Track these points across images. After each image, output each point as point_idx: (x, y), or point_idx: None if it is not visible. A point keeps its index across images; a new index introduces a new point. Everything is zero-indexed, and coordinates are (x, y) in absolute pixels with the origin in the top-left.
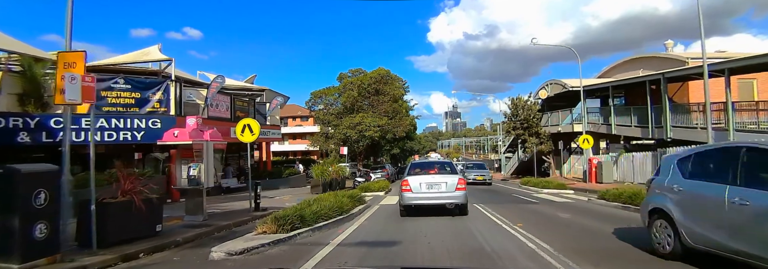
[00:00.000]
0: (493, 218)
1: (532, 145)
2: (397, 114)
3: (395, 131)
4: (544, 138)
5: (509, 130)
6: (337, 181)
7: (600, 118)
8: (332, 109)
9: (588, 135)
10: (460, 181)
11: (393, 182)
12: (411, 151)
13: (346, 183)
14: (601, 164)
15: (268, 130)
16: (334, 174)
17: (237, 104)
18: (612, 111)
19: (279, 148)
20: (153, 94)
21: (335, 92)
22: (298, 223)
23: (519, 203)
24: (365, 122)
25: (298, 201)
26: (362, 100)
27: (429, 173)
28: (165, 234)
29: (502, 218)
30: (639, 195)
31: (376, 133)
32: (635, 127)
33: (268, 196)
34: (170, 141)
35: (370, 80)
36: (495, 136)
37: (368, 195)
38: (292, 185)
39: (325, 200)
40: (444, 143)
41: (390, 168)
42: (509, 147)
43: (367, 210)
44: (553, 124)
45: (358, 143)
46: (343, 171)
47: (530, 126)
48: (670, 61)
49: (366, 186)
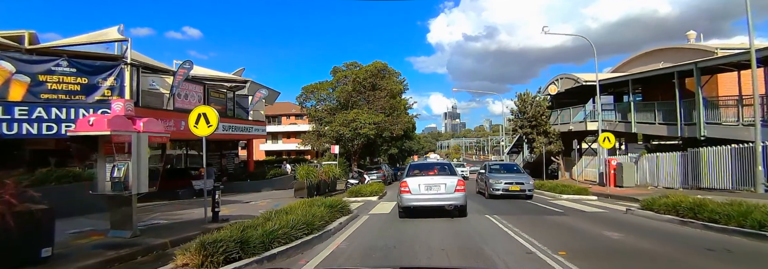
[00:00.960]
0: (520, 239)
1: (541, 145)
2: (395, 110)
3: (392, 129)
4: (554, 137)
5: (516, 128)
6: (326, 183)
7: (616, 115)
8: (324, 105)
9: (608, 134)
10: (460, 183)
11: (390, 184)
12: (409, 151)
13: (336, 185)
14: (621, 166)
15: (251, 126)
16: (323, 175)
17: (212, 96)
18: (631, 107)
19: (272, 147)
20: (103, 79)
21: (328, 87)
22: (237, 252)
23: (541, 214)
24: (360, 119)
25: (276, 206)
26: (357, 96)
27: (428, 174)
28: (55, 260)
29: (532, 240)
30: (705, 207)
31: (371, 131)
32: (660, 125)
33: (242, 201)
34: (83, 132)
35: (366, 74)
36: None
37: (358, 201)
38: (277, 187)
39: (294, 211)
40: (443, 144)
41: (386, 169)
42: (513, 147)
43: (351, 224)
44: (563, 123)
45: (352, 142)
46: (334, 172)
47: (539, 124)
48: (694, 53)
49: (357, 189)
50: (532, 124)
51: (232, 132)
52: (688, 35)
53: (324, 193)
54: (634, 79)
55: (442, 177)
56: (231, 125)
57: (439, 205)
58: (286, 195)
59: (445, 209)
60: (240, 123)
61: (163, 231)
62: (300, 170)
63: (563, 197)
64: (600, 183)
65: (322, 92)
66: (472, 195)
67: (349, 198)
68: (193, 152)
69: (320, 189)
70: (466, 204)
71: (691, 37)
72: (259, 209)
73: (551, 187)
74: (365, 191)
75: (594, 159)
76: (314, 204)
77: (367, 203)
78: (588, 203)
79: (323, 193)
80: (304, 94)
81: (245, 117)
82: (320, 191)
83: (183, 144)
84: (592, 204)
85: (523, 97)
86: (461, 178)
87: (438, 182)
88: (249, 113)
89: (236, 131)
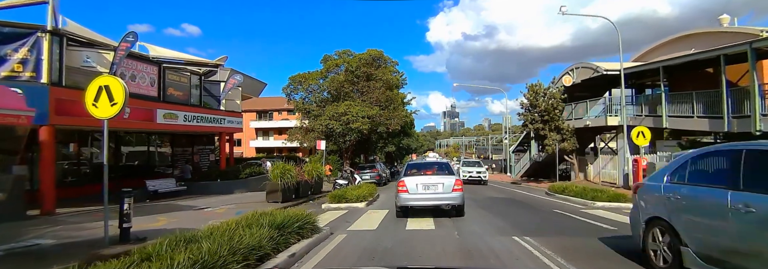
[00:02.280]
0: None
1: (554, 142)
2: (391, 103)
3: (388, 124)
4: (567, 134)
5: (526, 122)
6: (308, 185)
7: (642, 108)
8: (314, 95)
9: (643, 128)
10: (457, 182)
11: (385, 185)
12: (408, 149)
13: (322, 186)
14: (653, 167)
15: (223, 118)
16: (304, 175)
17: (170, 79)
18: (663, 99)
19: (263, 144)
20: (14, 50)
21: (318, 77)
22: None
23: (591, 234)
24: (352, 112)
25: (238, 214)
26: (350, 86)
27: (426, 174)
28: None
29: None
30: None
31: (364, 126)
32: (700, 119)
33: (197, 207)
34: None
35: (360, 62)
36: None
37: (340, 208)
38: (252, 188)
39: (214, 236)
40: (442, 142)
41: (382, 169)
42: (519, 145)
43: (312, 255)
44: (576, 118)
45: (343, 137)
46: (319, 171)
47: (552, 118)
48: (732, 36)
49: (341, 193)
50: (544, 119)
51: (198, 123)
52: (721, 19)
53: (305, 196)
54: (665, 67)
55: (439, 177)
56: (196, 115)
57: (437, 204)
58: (257, 199)
59: (442, 208)
60: (208, 113)
61: (21, 262)
62: (273, 169)
63: (597, 205)
64: (624, 185)
65: (311, 82)
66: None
67: (331, 204)
68: (164, 149)
69: (300, 192)
70: (463, 204)
71: (725, 22)
72: (210, 219)
73: (578, 192)
74: (351, 195)
75: (612, 159)
76: (260, 221)
77: (351, 212)
78: None
79: (304, 196)
80: (291, 84)
81: (216, 106)
82: (300, 193)
83: (146, 138)
84: None
85: (534, 89)
86: (459, 178)
87: (436, 181)
88: (221, 102)
89: (203, 122)
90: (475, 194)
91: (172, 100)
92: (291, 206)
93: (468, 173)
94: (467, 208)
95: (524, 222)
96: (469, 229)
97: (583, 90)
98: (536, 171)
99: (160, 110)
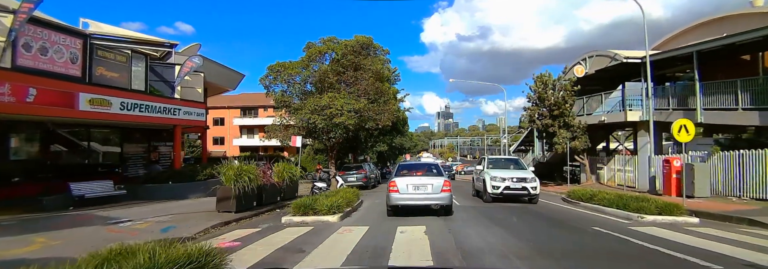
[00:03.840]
0: None
1: (564, 141)
2: (382, 96)
3: (378, 119)
4: (579, 131)
5: (532, 118)
6: (276, 189)
7: (669, 101)
8: (293, 87)
9: (686, 121)
10: (446, 183)
11: (373, 188)
12: (401, 149)
13: (297, 189)
14: (690, 168)
15: (178, 108)
16: (271, 177)
17: (100, 56)
18: (696, 89)
19: (248, 142)
20: None
21: (300, 66)
22: None
23: None
24: (336, 105)
25: (164, 231)
26: (334, 77)
27: (416, 175)
28: None
29: None
30: None
31: (350, 120)
32: (747, 111)
33: (116, 219)
34: None
35: (346, 49)
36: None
37: (304, 224)
38: (211, 193)
39: None
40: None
41: (370, 169)
42: (520, 144)
43: None
44: (588, 113)
45: (327, 134)
46: (293, 173)
47: (562, 113)
48: None
49: (309, 202)
50: (554, 114)
51: (142, 113)
52: (753, 1)
53: (272, 202)
54: (700, 52)
55: (429, 178)
56: (139, 103)
57: (426, 204)
58: (209, 207)
59: (432, 208)
60: (157, 101)
61: None
62: (226, 170)
63: (647, 220)
64: (650, 190)
65: (290, 71)
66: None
67: (294, 217)
68: (99, 146)
69: (265, 198)
70: (451, 204)
71: (759, 3)
72: (114, 240)
73: (613, 201)
74: (321, 205)
75: (631, 159)
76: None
77: (316, 231)
78: (706, 233)
79: (271, 202)
80: (269, 74)
81: (170, 94)
82: (265, 200)
83: (86, 133)
84: (720, 235)
85: (543, 79)
86: (447, 179)
87: (425, 182)
88: (175, 89)
89: (149, 112)
90: (476, 200)
91: (102, 82)
92: (248, 217)
93: (502, 184)
94: (474, 225)
95: (570, 251)
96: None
97: (593, 83)
98: (540, 173)
99: (83, 94)
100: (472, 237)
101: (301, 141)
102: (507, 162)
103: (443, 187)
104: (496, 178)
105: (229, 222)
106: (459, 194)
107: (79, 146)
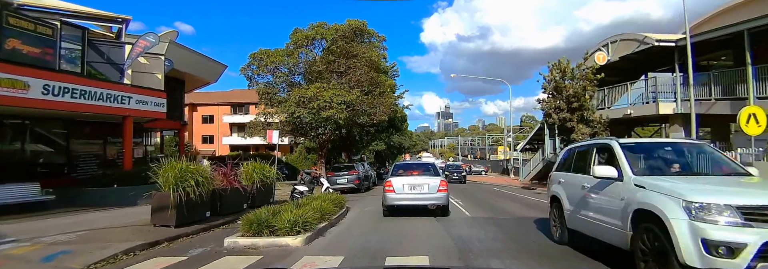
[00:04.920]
0: None
1: (584, 137)
2: (377, 87)
3: (372, 113)
4: (600, 126)
5: (550, 111)
6: (241, 195)
7: (712, 89)
8: (276, 76)
9: (756, 108)
10: (442, 183)
11: (368, 191)
12: (400, 148)
13: (273, 194)
14: None
15: (128, 95)
16: (234, 180)
17: (12, 24)
18: (748, 73)
19: (239, 141)
20: None
21: (285, 54)
22: None
23: None
24: (324, 96)
25: (47, 261)
26: (323, 65)
27: (412, 174)
28: None
29: None
30: None
31: (340, 113)
32: None
33: (2, 239)
34: None
35: (337, 35)
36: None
37: (252, 250)
38: None
39: None
40: (436, 143)
41: (364, 170)
42: (529, 142)
43: None
44: (610, 106)
45: (315, 130)
46: (265, 174)
47: (582, 106)
48: None
49: (265, 216)
50: (572, 107)
51: (76, 100)
52: None
53: (235, 212)
54: (751, 30)
55: (425, 178)
56: (72, 87)
57: (422, 204)
58: (142, 220)
59: (428, 208)
60: (97, 85)
61: None
62: (164, 171)
63: None
64: None
65: (274, 59)
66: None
67: (241, 239)
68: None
69: (222, 206)
70: (448, 204)
71: None
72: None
73: None
74: (281, 222)
75: None
76: None
77: (261, 264)
78: None
79: (234, 211)
80: (251, 63)
81: (117, 79)
82: (222, 209)
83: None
84: None
85: (561, 67)
86: (444, 179)
87: (421, 182)
88: (124, 73)
89: (88, 100)
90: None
91: (15, 58)
92: (192, 233)
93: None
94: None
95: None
96: None
97: (611, 73)
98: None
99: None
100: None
101: (278, 136)
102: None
103: (440, 187)
104: None
105: (160, 241)
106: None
107: (14, 142)
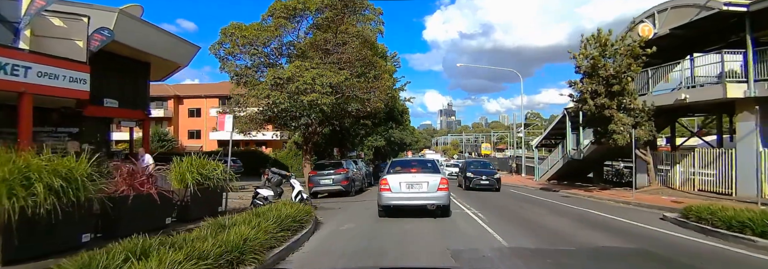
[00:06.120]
0: None
1: (626, 128)
2: (371, 69)
3: (366, 99)
4: (643, 115)
5: (585, 96)
6: (167, 204)
7: None
8: (251, 53)
9: None
10: (442, 181)
11: (360, 193)
12: (401, 145)
13: (223, 201)
14: None
15: (26, 65)
16: (151, 184)
17: None
18: None
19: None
20: None
21: (260, 28)
22: None
23: None
24: (304, 77)
25: None
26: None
27: (410, 172)
28: None
29: None
30: None
31: (324, 98)
32: None
33: None
34: None
35: (321, 4)
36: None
37: None
38: None
39: None
40: (439, 140)
41: (355, 168)
42: (546, 137)
43: None
44: (652, 91)
45: (297, 120)
46: (208, 176)
47: (624, 90)
48: None
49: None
50: (612, 91)
51: None
52: None
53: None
54: None
55: (424, 175)
56: None
57: (421, 204)
58: None
59: (427, 209)
60: None
61: None
62: None
63: None
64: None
65: (247, 34)
66: None
67: None
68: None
69: (115, 224)
70: (449, 204)
71: None
72: None
73: None
74: None
75: (726, 152)
76: None
77: None
78: None
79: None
80: (223, 40)
81: (11, 42)
82: (114, 228)
83: None
84: None
85: (601, 39)
86: (444, 177)
87: (420, 180)
88: (20, 34)
89: None
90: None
91: None
92: None
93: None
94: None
95: None
96: None
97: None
98: (570, 172)
99: None
100: None
101: (231, 123)
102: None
103: (440, 186)
104: None
105: None
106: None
107: None
